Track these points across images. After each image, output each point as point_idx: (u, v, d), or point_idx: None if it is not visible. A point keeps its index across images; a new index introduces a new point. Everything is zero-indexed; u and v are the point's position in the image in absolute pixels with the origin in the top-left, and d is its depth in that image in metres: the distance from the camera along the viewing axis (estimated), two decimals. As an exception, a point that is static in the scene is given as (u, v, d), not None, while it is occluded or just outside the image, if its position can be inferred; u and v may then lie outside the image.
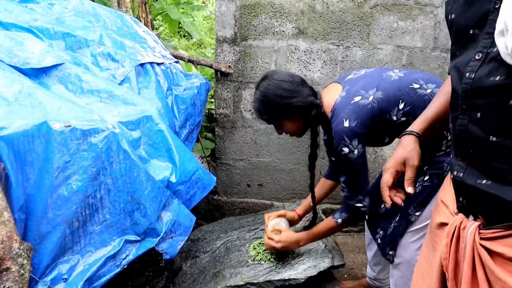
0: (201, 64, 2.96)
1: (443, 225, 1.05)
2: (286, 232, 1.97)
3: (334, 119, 1.64)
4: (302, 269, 1.92)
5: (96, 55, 1.97)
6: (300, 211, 2.20)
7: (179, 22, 5.27)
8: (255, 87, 1.80)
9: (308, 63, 2.84)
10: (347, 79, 1.76)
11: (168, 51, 2.60)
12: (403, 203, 1.16)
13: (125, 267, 1.58)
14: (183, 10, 5.34)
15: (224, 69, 2.89)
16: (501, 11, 0.73)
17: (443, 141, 1.64)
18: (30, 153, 1.28)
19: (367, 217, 2.01)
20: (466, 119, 0.87)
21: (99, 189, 1.48)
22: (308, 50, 2.82)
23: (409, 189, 1.09)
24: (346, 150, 1.60)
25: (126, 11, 3.12)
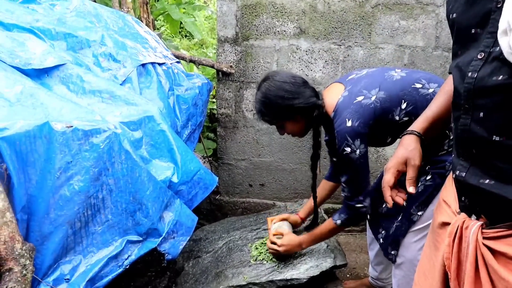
0: (203, 64, 2.96)
1: (445, 224, 1.04)
2: (288, 235, 1.98)
3: (336, 119, 1.63)
4: (304, 269, 1.92)
5: (97, 55, 1.97)
6: (302, 214, 2.21)
7: (180, 22, 5.27)
8: (257, 88, 1.79)
9: (309, 62, 2.84)
10: (349, 79, 1.75)
11: (169, 51, 2.61)
12: (405, 202, 1.16)
13: (127, 267, 1.58)
14: (184, 10, 5.34)
15: (226, 69, 2.89)
16: (503, 10, 0.72)
17: (445, 140, 1.63)
18: (32, 154, 1.28)
19: (369, 217, 2.01)
20: (468, 119, 0.87)
21: (101, 190, 1.48)
22: (309, 49, 2.82)
23: (411, 189, 1.09)
24: (348, 150, 1.60)
25: (127, 11, 3.12)
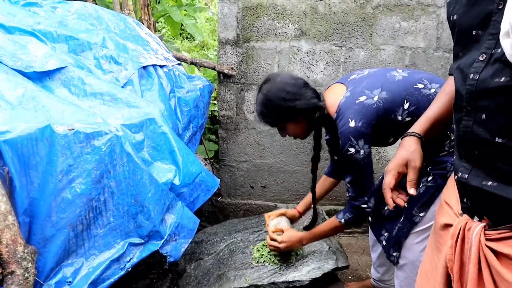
0: (204, 66, 2.96)
1: (447, 226, 1.04)
2: (288, 231, 1.97)
3: (339, 119, 1.63)
4: (306, 271, 1.92)
5: (99, 58, 1.98)
6: (300, 208, 2.19)
7: (181, 24, 5.28)
8: (258, 90, 1.79)
9: (310, 64, 2.84)
10: (350, 79, 1.75)
11: (170, 53, 2.61)
12: (407, 204, 1.15)
13: (129, 270, 1.58)
14: (185, 12, 5.34)
15: (227, 71, 2.89)
16: (505, 12, 0.72)
17: (446, 141, 1.63)
18: (34, 157, 1.28)
19: (371, 219, 2.00)
20: (470, 120, 0.87)
21: (102, 192, 1.48)
22: (310, 51, 2.82)
23: (412, 190, 1.09)
24: (352, 150, 1.59)
25: (128, 13, 3.12)
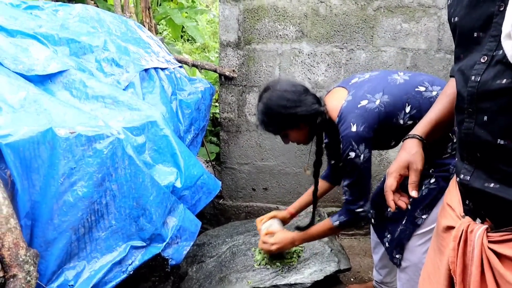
0: (205, 69, 2.97)
1: (449, 228, 1.04)
2: (280, 233, 1.97)
3: (341, 124, 1.62)
4: (308, 273, 1.91)
5: (100, 60, 1.98)
6: (292, 209, 2.17)
7: (182, 26, 5.28)
8: (258, 99, 1.78)
9: (312, 66, 2.84)
10: (352, 83, 1.75)
11: (172, 55, 2.61)
12: (409, 206, 1.15)
13: (131, 273, 1.58)
14: (186, 14, 5.35)
15: (228, 73, 2.89)
16: (507, 14, 0.72)
17: (448, 143, 1.63)
18: (35, 160, 1.28)
19: (374, 221, 2.00)
20: (472, 122, 0.86)
21: (104, 195, 1.48)
22: (311, 53, 2.82)
23: (413, 193, 1.08)
24: (352, 154, 1.60)
25: (130, 16, 3.13)
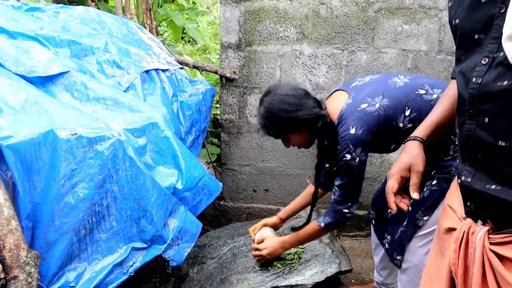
0: (206, 70, 2.96)
1: (451, 230, 1.04)
2: (269, 238, 2.01)
3: (341, 126, 1.64)
4: (309, 274, 1.91)
5: (101, 62, 1.98)
6: (282, 214, 2.21)
7: (183, 28, 5.28)
8: (259, 102, 1.79)
9: (313, 67, 2.84)
10: (352, 86, 1.75)
11: (173, 57, 2.61)
12: (410, 208, 1.15)
13: (132, 274, 1.58)
14: (187, 16, 5.35)
15: (229, 74, 2.89)
16: (507, 16, 0.72)
17: (450, 145, 1.63)
18: (37, 162, 1.28)
19: (374, 222, 2.00)
20: (473, 124, 0.86)
21: (105, 197, 1.48)
22: (312, 55, 2.82)
23: (415, 195, 1.09)
24: (348, 157, 1.61)
25: (130, 18, 3.13)
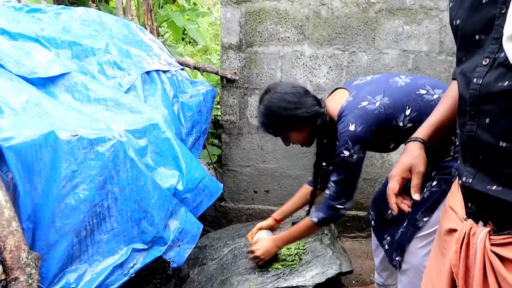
0: (207, 71, 2.97)
1: (452, 231, 1.03)
2: (261, 239, 2.03)
3: (340, 122, 1.64)
4: (310, 276, 1.91)
5: (102, 63, 1.98)
6: (277, 215, 2.23)
7: (184, 29, 5.29)
8: (259, 101, 1.80)
9: (313, 68, 2.84)
10: (354, 85, 1.76)
11: (173, 58, 2.61)
12: (410, 209, 1.15)
13: (132, 275, 1.57)
14: (188, 16, 5.35)
15: (230, 75, 2.89)
16: (508, 16, 0.72)
17: (451, 146, 1.63)
18: (37, 163, 1.29)
19: (374, 223, 2.00)
20: (474, 125, 0.86)
21: (106, 198, 1.48)
22: (313, 55, 2.82)
23: (416, 196, 1.08)
24: (346, 153, 1.61)
25: (131, 19, 3.13)
